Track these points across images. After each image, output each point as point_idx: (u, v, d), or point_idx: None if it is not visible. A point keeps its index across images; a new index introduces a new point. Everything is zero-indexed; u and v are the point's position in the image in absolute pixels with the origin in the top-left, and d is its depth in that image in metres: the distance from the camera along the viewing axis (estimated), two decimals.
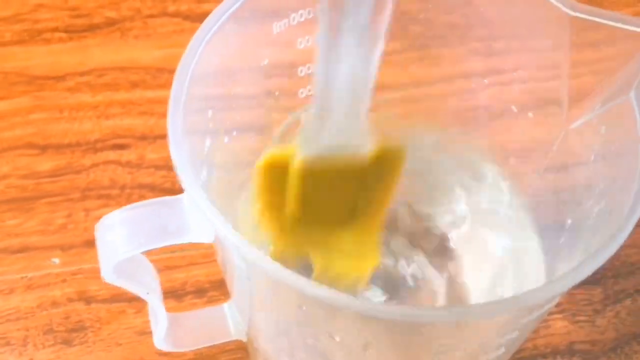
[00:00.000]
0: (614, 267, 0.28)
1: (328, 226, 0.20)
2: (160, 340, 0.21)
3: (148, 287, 0.19)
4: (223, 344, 0.25)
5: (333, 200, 0.19)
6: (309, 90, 0.23)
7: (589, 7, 0.17)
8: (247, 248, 0.14)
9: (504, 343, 0.16)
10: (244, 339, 0.23)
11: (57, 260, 0.27)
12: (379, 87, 0.25)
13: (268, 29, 0.21)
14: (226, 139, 0.22)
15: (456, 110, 0.25)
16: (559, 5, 0.17)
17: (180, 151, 0.16)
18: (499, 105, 0.24)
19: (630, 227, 0.14)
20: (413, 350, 0.17)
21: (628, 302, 0.27)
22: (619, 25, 0.16)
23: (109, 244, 0.17)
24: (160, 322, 0.21)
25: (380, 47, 0.15)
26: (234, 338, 0.23)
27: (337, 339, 0.17)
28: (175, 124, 0.17)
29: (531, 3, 0.18)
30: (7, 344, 0.26)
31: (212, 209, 0.15)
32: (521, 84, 0.23)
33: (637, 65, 0.16)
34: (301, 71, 0.22)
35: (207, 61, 0.18)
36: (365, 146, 0.18)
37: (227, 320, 0.23)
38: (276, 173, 0.19)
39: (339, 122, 0.17)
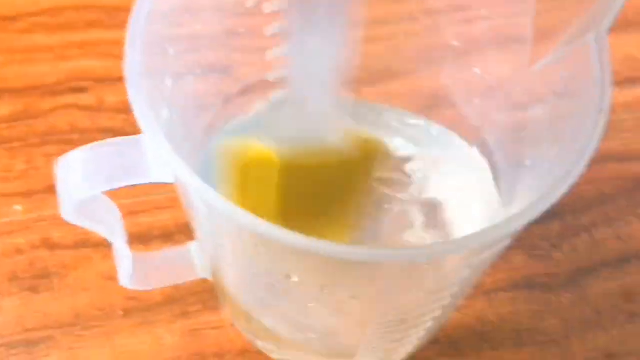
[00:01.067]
0: (571, 202, 0.28)
1: (306, 221, 0.20)
2: (126, 279, 0.22)
3: (111, 227, 0.19)
4: (190, 285, 0.26)
5: (311, 195, 0.19)
6: (276, 29, 0.22)
7: None
8: (203, 189, 0.14)
9: (457, 282, 0.17)
10: (210, 278, 0.23)
11: (19, 207, 0.27)
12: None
13: None
14: (189, 79, 0.21)
15: (422, 49, 0.25)
16: None
17: (138, 92, 0.16)
18: (464, 44, 0.23)
19: (580, 169, 0.15)
20: (367, 289, 0.17)
21: (585, 235, 0.28)
22: None
23: (69, 184, 0.17)
24: (125, 261, 0.21)
25: (348, 32, 0.15)
26: (199, 277, 0.23)
27: (295, 279, 0.17)
28: (132, 65, 0.16)
29: None
30: None
31: (169, 150, 0.15)
32: (486, 21, 0.22)
33: (599, 7, 0.16)
34: (267, 8, 0.22)
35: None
36: (340, 138, 0.18)
37: (193, 260, 0.23)
38: (251, 170, 0.19)
39: (313, 112, 0.17)
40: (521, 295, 0.27)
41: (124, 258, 0.20)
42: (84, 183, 0.16)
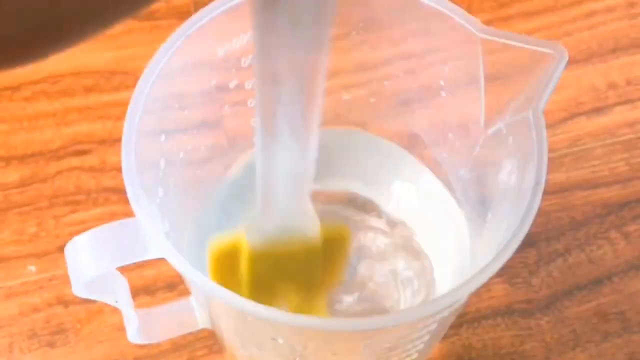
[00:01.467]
0: (547, 230, 0.30)
1: (280, 299, 0.21)
2: (133, 335, 0.24)
3: (116, 294, 0.22)
4: (197, 332, 0.28)
5: (283, 280, 0.20)
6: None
7: (495, 30, 0.19)
8: (189, 273, 0.16)
9: (426, 333, 0.19)
10: (210, 327, 0.26)
11: (33, 268, 0.29)
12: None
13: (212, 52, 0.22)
14: (182, 135, 0.24)
15: (398, 93, 0.27)
16: (469, 27, 0.19)
17: (133, 186, 0.18)
18: (435, 88, 0.25)
19: (522, 234, 0.17)
20: (345, 346, 0.19)
21: (559, 261, 0.30)
22: (521, 45, 0.19)
23: (78, 265, 0.19)
24: (131, 320, 0.23)
25: (313, 141, 0.16)
26: (201, 327, 0.25)
27: (280, 341, 0.19)
28: (129, 161, 0.18)
29: (445, 23, 0.20)
30: None
31: (160, 237, 0.17)
32: (444, 92, 0.24)
33: (536, 82, 0.18)
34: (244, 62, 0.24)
35: (158, 91, 0.20)
36: (311, 229, 0.19)
37: (194, 312, 0.25)
38: (227, 259, 0.20)
39: (282, 208, 0.18)
40: (502, 321, 0.29)
41: (131, 319, 0.22)
42: (91, 264, 0.18)
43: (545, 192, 0.31)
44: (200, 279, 0.17)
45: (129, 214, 0.22)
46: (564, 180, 0.32)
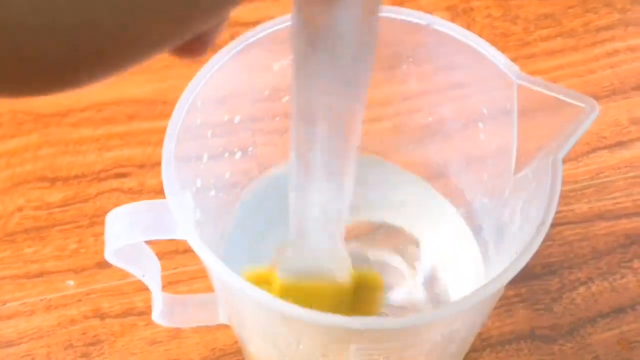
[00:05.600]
0: (569, 259, 0.31)
1: None
2: (157, 316, 0.25)
3: (145, 270, 0.23)
4: (224, 347, 0.29)
5: None
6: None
7: (532, 78, 0.20)
8: (206, 257, 0.18)
9: (452, 338, 0.20)
10: (229, 323, 0.27)
11: (72, 282, 0.31)
12: None
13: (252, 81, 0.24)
14: (212, 193, 0.25)
15: (421, 126, 0.28)
16: (506, 72, 0.21)
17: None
18: (459, 121, 0.27)
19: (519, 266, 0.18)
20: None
21: (582, 289, 0.30)
22: (556, 95, 0.20)
23: (112, 233, 0.20)
24: (157, 301, 0.24)
25: (348, 182, 0.17)
26: (222, 322, 0.26)
27: (301, 346, 0.20)
28: (170, 183, 0.20)
29: (483, 66, 0.21)
30: None
31: (195, 237, 0.18)
32: (478, 136, 0.25)
33: (563, 131, 0.19)
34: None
35: (191, 120, 0.22)
36: (343, 272, 0.20)
37: (217, 306, 0.26)
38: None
39: (314, 247, 0.19)
40: (525, 346, 0.29)
41: (157, 300, 0.24)
42: (124, 233, 0.20)
43: (567, 222, 0.32)
44: (212, 260, 0.18)
45: None
46: (586, 211, 0.32)
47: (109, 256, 0.21)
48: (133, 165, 0.34)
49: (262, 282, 0.21)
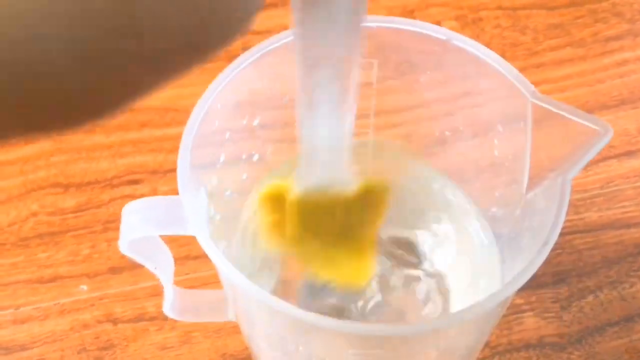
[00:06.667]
0: (578, 267, 0.31)
1: (325, 245, 0.23)
2: (168, 308, 0.25)
3: (157, 263, 0.23)
4: (234, 353, 0.29)
5: (327, 225, 0.23)
6: None
7: (546, 97, 0.20)
8: (213, 255, 0.18)
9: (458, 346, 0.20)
10: (236, 321, 0.27)
11: (85, 287, 0.31)
12: (361, 116, 0.29)
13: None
14: (227, 193, 0.26)
15: (435, 133, 0.28)
16: (521, 88, 0.21)
17: (189, 208, 0.20)
18: (473, 129, 0.27)
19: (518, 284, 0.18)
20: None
21: (591, 297, 0.30)
22: (570, 117, 0.20)
23: (127, 225, 0.21)
24: (168, 293, 0.25)
25: (349, 116, 0.18)
26: (230, 319, 0.27)
27: (301, 348, 0.21)
28: (184, 179, 0.20)
29: (500, 83, 0.22)
30: None
31: (207, 241, 0.19)
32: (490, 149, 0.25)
33: (575, 153, 0.19)
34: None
35: (204, 129, 0.22)
36: (352, 181, 0.21)
37: (226, 303, 0.27)
38: (276, 201, 0.22)
39: (324, 164, 0.20)
40: (534, 354, 0.29)
41: (168, 293, 0.24)
42: (138, 226, 0.21)
43: (577, 231, 0.32)
44: (216, 256, 0.18)
45: (176, 239, 0.24)
46: (596, 219, 0.32)
47: (123, 247, 0.21)
48: (145, 172, 0.34)
49: (279, 194, 0.22)
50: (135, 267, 0.31)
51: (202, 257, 0.20)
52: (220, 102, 0.22)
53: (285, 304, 0.17)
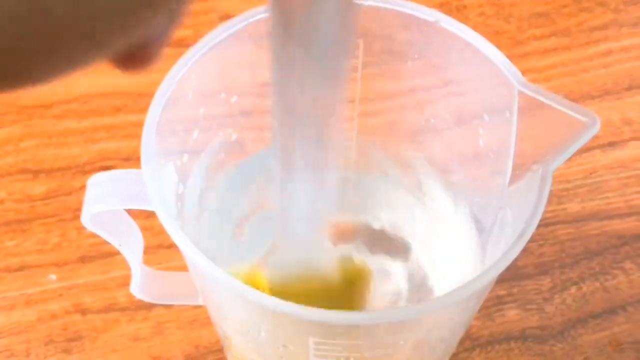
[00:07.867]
0: (561, 259, 0.31)
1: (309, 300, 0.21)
2: (136, 289, 0.24)
3: (123, 240, 0.22)
4: (208, 344, 0.28)
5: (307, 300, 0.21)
6: None
7: (534, 86, 0.20)
8: (173, 232, 0.18)
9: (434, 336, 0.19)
10: (204, 304, 0.26)
11: (54, 277, 0.30)
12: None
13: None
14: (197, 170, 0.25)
15: (416, 122, 0.27)
16: (509, 76, 0.20)
17: (150, 181, 0.19)
18: (455, 117, 0.26)
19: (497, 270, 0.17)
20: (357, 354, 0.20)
21: (573, 289, 0.30)
22: (557, 107, 0.19)
23: (91, 198, 0.20)
24: (135, 272, 0.24)
25: (331, 178, 0.16)
26: (200, 303, 0.26)
27: (263, 333, 0.20)
28: (148, 151, 0.19)
29: (487, 69, 0.21)
30: (12, 355, 0.28)
31: (169, 222, 0.18)
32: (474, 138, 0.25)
33: (560, 143, 0.19)
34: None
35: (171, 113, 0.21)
36: (330, 269, 0.20)
37: (197, 287, 0.25)
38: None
39: (299, 244, 0.19)
40: (515, 346, 0.29)
41: (135, 272, 0.23)
42: (101, 199, 0.20)
43: (560, 222, 0.32)
44: (177, 235, 0.17)
45: (150, 227, 0.23)
46: (579, 210, 0.32)
47: (86, 221, 0.20)
48: (119, 158, 0.33)
49: (248, 283, 0.20)
50: (106, 256, 0.30)
51: (174, 246, 0.19)
52: (195, 72, 0.21)
53: (242, 286, 0.16)
